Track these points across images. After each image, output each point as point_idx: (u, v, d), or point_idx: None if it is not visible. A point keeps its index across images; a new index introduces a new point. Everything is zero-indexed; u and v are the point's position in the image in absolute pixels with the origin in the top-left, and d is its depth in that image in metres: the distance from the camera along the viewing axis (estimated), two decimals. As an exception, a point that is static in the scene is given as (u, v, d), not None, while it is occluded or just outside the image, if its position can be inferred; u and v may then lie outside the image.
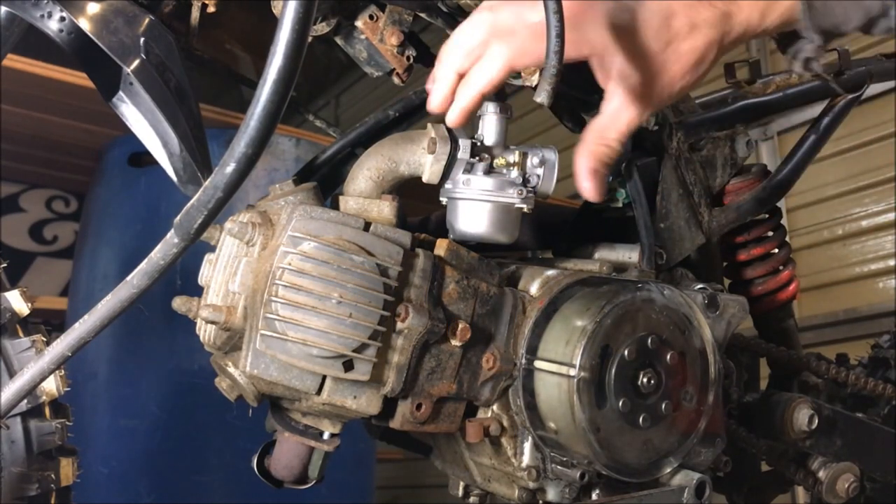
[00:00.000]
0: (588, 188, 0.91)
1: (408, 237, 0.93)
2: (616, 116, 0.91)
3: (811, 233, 3.53)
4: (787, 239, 1.34)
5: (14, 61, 2.32)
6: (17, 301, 1.03)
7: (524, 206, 0.99)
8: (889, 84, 2.95)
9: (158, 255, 0.76)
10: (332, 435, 0.99)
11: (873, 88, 1.42)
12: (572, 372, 0.92)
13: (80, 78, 2.38)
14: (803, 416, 1.19)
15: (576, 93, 1.09)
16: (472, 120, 0.96)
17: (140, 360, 2.39)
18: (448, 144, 0.96)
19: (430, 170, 0.97)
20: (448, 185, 1.00)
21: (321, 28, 1.03)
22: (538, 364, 0.98)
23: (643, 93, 0.90)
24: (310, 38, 0.68)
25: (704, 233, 1.19)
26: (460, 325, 0.93)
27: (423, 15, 1.05)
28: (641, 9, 0.89)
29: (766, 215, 1.31)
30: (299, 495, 1.16)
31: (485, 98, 0.92)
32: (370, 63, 1.08)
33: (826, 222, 3.50)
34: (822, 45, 0.91)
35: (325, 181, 1.12)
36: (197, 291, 0.98)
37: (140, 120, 1.02)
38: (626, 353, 0.95)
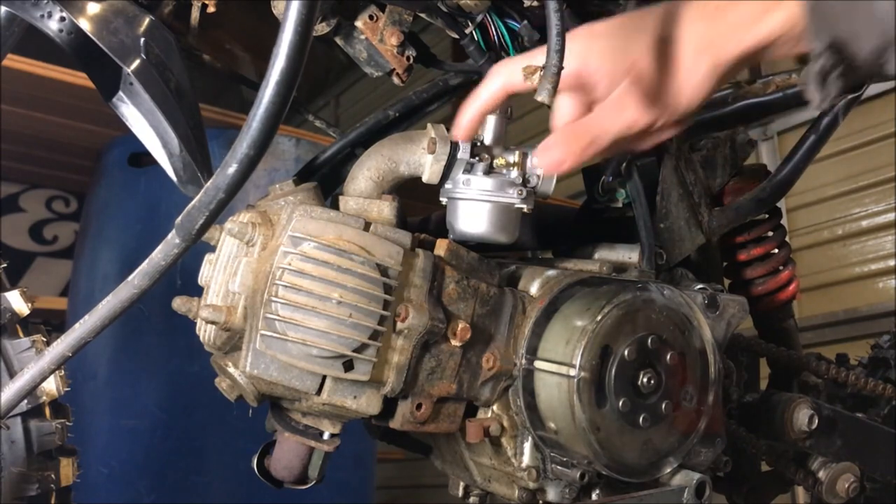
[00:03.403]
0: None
1: (408, 237, 0.93)
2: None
3: (811, 233, 3.53)
4: (787, 239, 1.34)
5: (14, 61, 2.31)
6: (17, 301, 1.03)
7: (524, 206, 0.99)
8: (889, 84, 2.94)
9: (159, 255, 0.76)
10: (332, 435, 0.99)
11: (873, 88, 1.42)
12: (572, 372, 0.92)
13: (80, 78, 2.38)
14: (803, 416, 1.19)
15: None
16: None
17: (140, 360, 2.39)
18: (448, 144, 0.96)
19: (430, 170, 0.97)
20: (448, 185, 0.99)
21: (321, 28, 1.03)
22: (538, 364, 0.97)
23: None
24: (310, 39, 0.68)
25: (704, 233, 1.19)
26: (460, 325, 0.93)
27: (423, 15, 1.05)
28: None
29: (766, 215, 1.31)
30: (299, 495, 1.16)
31: None
32: (370, 63, 1.08)
33: (826, 222, 3.50)
34: (827, 51, 0.74)
35: (325, 181, 1.12)
36: (197, 291, 0.98)
37: (140, 120, 1.02)
38: (626, 353, 0.95)
